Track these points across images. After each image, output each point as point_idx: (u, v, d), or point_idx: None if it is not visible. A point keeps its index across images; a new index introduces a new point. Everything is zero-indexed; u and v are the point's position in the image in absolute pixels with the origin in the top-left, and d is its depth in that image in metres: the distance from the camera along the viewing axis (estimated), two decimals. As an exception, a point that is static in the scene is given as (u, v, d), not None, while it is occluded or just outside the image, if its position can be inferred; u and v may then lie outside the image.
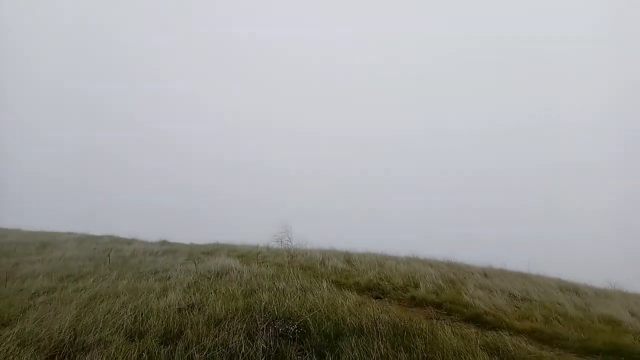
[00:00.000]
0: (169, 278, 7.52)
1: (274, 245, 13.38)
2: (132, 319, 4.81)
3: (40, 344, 4.26)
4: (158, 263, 9.42)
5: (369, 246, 14.63)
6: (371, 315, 5.01)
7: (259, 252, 11.90)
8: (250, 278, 7.33)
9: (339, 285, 7.71)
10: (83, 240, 15.46)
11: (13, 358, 3.96)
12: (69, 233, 17.95)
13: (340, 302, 5.62)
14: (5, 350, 4.09)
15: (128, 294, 5.99)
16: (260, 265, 9.02)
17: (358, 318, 4.91)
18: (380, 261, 10.38)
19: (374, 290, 7.76)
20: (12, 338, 4.41)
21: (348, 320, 4.81)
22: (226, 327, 4.46)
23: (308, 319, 4.73)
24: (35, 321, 4.95)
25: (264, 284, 6.68)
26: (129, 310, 5.08)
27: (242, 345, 3.99)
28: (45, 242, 14.48)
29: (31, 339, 4.41)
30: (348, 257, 11.12)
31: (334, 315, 5.00)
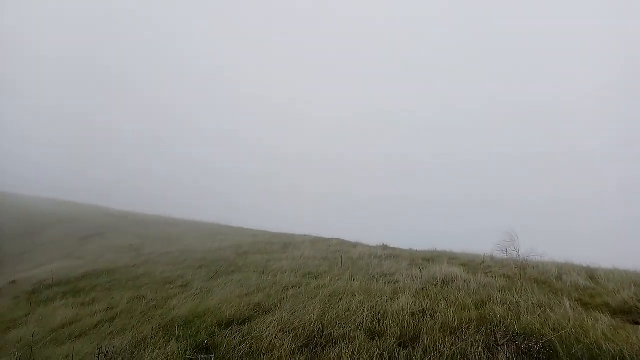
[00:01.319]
0: (397, 282, 7.80)
1: (498, 254, 12.60)
2: (370, 319, 5.16)
3: (296, 332, 4.93)
4: (384, 266, 9.87)
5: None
6: (635, 344, 4.26)
7: (483, 262, 11.37)
8: (478, 288, 7.05)
9: (583, 304, 6.79)
10: (315, 242, 17.30)
11: (278, 341, 4.68)
12: (303, 235, 20.33)
13: (590, 324, 4.93)
14: (272, 334, 4.86)
15: (362, 294, 6.44)
16: (486, 276, 8.60)
17: (617, 345, 4.23)
18: (635, 280, 8.74)
19: (631, 314, 6.57)
20: (274, 324, 5.22)
21: (604, 346, 4.19)
22: (462, 336, 4.39)
23: (553, 338, 4.29)
24: (289, 311, 5.76)
25: (494, 295, 6.34)
26: (365, 309, 5.46)
27: (481, 358, 3.88)
28: (286, 243, 16.76)
29: (289, 327, 5.14)
30: (591, 273, 9.70)
31: (584, 338, 4.42)
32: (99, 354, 4.62)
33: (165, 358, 4.48)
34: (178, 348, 4.74)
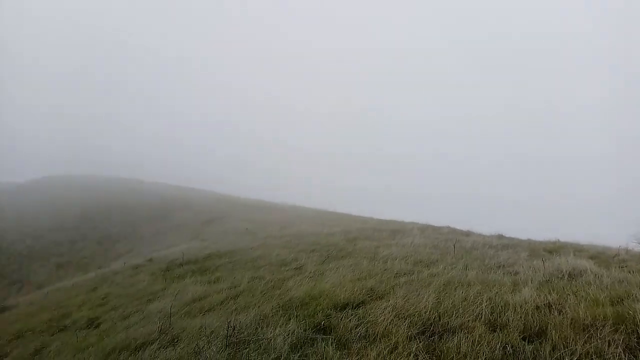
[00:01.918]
0: (517, 273, 7.36)
1: (635, 247, 11.30)
2: (490, 310, 4.95)
3: (411, 319, 4.91)
4: (500, 257, 9.37)
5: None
6: None
7: (617, 255, 10.25)
8: (613, 283, 6.36)
9: None
10: (425, 229, 16.98)
11: (393, 327, 4.71)
12: (412, 222, 20.07)
13: None
14: (387, 320, 4.90)
15: (479, 285, 6.20)
16: (621, 270, 7.75)
17: None
18: None
19: None
20: (388, 310, 5.25)
21: None
22: (596, 334, 4.02)
23: None
24: (403, 298, 5.75)
25: (633, 292, 5.69)
26: (484, 300, 5.25)
27: (621, 359, 3.53)
28: (394, 230, 16.67)
29: (403, 313, 5.13)
30: None
31: None
32: (228, 328, 5.04)
33: (286, 335, 4.75)
34: (297, 327, 4.99)
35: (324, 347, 4.35)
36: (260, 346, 4.66)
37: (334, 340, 4.57)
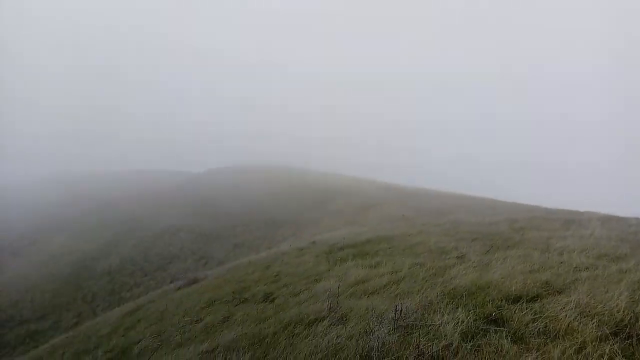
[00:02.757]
0: None
1: None
2: None
3: (600, 318, 4.40)
4: None
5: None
6: None
7: None
8: None
9: None
10: (606, 220, 14.91)
11: (578, 325, 4.28)
12: (589, 212, 17.85)
13: None
14: (568, 316, 4.48)
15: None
16: None
17: None
18: None
19: None
20: (570, 306, 4.78)
21: None
22: None
23: None
24: (586, 294, 5.16)
25: None
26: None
27: None
28: (568, 220, 14.97)
29: (589, 311, 4.62)
30: None
31: None
32: (395, 311, 5.16)
33: (456, 323, 4.67)
34: (466, 316, 4.86)
35: (498, 340, 4.16)
36: (429, 332, 4.66)
37: (509, 333, 4.34)
